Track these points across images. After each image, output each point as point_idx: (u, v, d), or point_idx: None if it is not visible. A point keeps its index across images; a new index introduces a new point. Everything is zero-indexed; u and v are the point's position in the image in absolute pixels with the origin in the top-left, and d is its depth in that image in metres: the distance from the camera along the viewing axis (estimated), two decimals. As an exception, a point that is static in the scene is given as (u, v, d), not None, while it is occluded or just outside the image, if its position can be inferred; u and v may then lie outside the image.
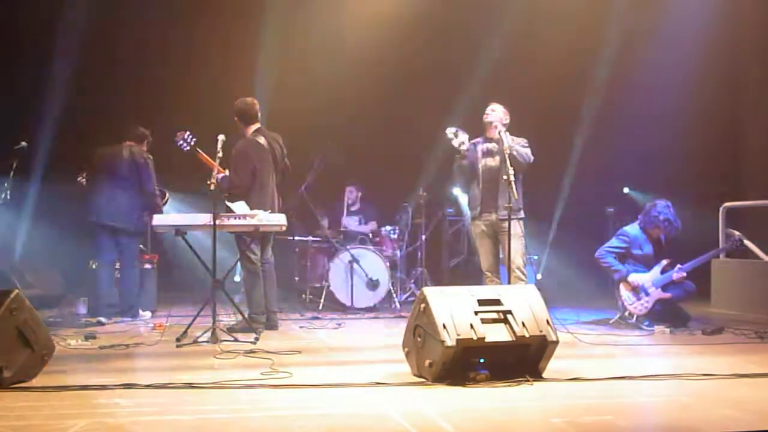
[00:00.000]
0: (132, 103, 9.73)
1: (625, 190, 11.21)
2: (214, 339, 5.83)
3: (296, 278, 8.99)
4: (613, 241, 7.41)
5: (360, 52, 10.03)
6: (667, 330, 6.85)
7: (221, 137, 6.36)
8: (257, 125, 6.91)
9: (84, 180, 7.74)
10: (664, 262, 7.24)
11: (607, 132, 10.76)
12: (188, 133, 6.79)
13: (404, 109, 10.44)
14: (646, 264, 7.27)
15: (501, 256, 6.64)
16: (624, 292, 7.22)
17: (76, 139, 9.60)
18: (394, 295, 8.85)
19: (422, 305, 4.49)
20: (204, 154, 6.75)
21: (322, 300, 8.61)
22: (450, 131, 6.61)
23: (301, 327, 7.20)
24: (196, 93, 9.58)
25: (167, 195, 7.91)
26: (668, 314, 7.03)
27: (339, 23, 10.22)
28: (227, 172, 6.66)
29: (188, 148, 6.80)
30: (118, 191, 7.53)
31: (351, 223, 9.45)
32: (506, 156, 6.19)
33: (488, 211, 6.58)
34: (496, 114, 6.63)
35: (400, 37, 10.13)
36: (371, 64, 10.12)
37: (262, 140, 6.83)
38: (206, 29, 9.89)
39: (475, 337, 4.31)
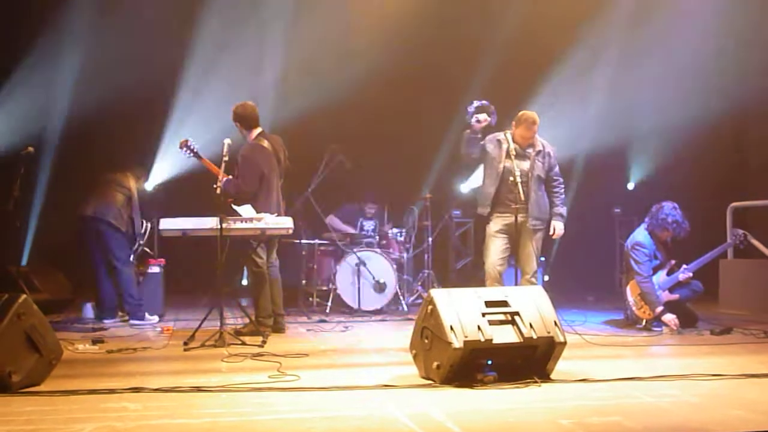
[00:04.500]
0: (134, 107, 9.76)
1: (630, 186, 11.21)
2: (222, 342, 5.84)
3: (303, 281, 8.99)
4: (642, 262, 7.08)
5: (364, 53, 10.03)
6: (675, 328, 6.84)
7: (227, 141, 6.37)
8: (259, 129, 6.90)
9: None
10: (671, 263, 7.22)
11: (613, 131, 10.75)
12: (191, 140, 6.77)
13: (410, 111, 10.43)
14: (660, 270, 7.23)
15: (506, 256, 6.59)
16: (632, 297, 7.18)
17: (82, 143, 9.65)
18: (401, 298, 8.84)
19: (429, 307, 4.48)
20: (207, 161, 6.73)
21: (329, 303, 8.61)
22: (476, 103, 6.49)
23: (308, 330, 7.21)
24: (198, 96, 9.59)
25: (147, 227, 7.93)
26: (676, 315, 7.00)
27: (344, 23, 10.22)
28: (229, 177, 6.61)
29: (192, 155, 6.77)
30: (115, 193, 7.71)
31: (368, 225, 9.44)
32: (533, 160, 6.32)
33: (507, 212, 6.41)
34: None
35: (405, 37, 10.12)
36: (376, 64, 10.11)
37: (266, 144, 6.82)
38: (208, 32, 9.90)
39: (482, 339, 4.31)
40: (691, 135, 10.52)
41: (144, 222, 7.87)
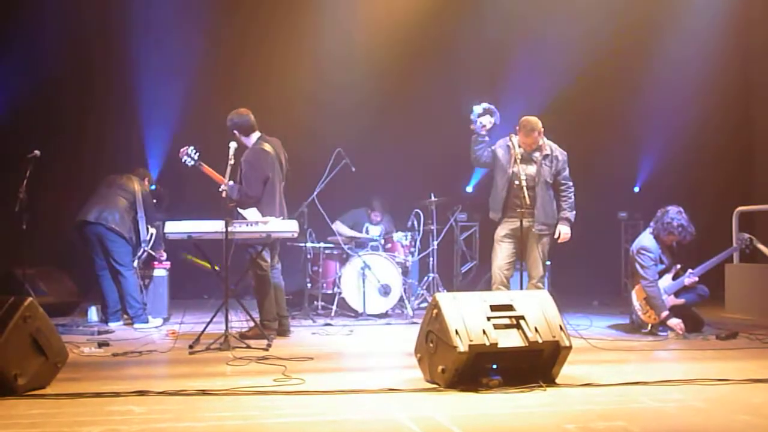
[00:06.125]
0: (139, 113, 9.82)
1: (636, 189, 11.20)
2: (227, 346, 5.84)
3: (308, 285, 8.99)
4: (648, 267, 7.04)
5: (370, 55, 10.05)
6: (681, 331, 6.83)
7: (233, 144, 6.37)
8: (258, 133, 6.89)
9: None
10: (676, 267, 7.20)
11: (618, 135, 10.75)
12: (192, 147, 6.65)
13: (415, 114, 10.43)
14: (666, 274, 7.22)
15: (513, 261, 6.57)
16: (637, 301, 7.16)
17: (87, 147, 9.69)
18: (406, 301, 8.83)
19: (434, 311, 4.48)
20: (209, 168, 6.66)
21: (334, 306, 8.61)
22: (480, 108, 6.42)
23: (313, 333, 7.20)
24: (203, 102, 9.61)
25: (152, 233, 7.94)
26: (682, 319, 6.97)
27: (349, 27, 10.23)
28: (231, 182, 6.50)
29: (193, 163, 6.68)
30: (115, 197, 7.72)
31: (374, 230, 9.46)
32: (539, 164, 6.39)
33: (515, 216, 6.36)
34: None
35: (410, 39, 10.14)
36: (381, 66, 10.13)
37: (267, 147, 6.82)
38: (212, 36, 9.92)
39: (487, 343, 4.30)
40: (698, 138, 10.52)
41: (149, 228, 7.85)
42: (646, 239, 7.21)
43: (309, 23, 10.10)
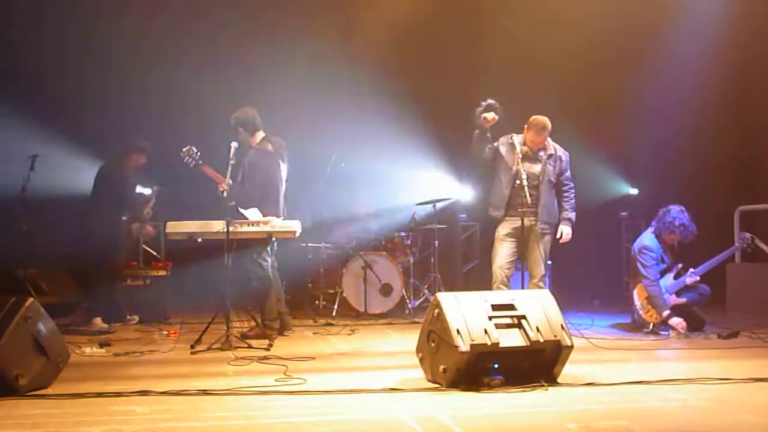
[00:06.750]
0: (138, 112, 9.81)
1: (634, 191, 11.18)
2: (228, 346, 5.84)
3: (309, 284, 8.99)
4: (649, 266, 7.08)
5: (369, 54, 10.05)
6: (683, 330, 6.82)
7: (234, 144, 6.36)
8: (262, 133, 6.88)
9: None
10: (678, 266, 7.20)
11: (619, 135, 10.73)
12: (194, 148, 6.57)
13: (416, 113, 10.43)
14: (667, 273, 7.22)
15: (514, 260, 6.57)
16: (639, 300, 7.16)
17: (89, 146, 9.69)
18: (408, 301, 8.83)
19: (436, 311, 4.48)
20: (210, 169, 6.64)
21: (335, 306, 8.61)
22: (485, 103, 6.40)
23: (314, 333, 7.21)
24: (203, 102, 9.60)
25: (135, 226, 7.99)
26: (683, 319, 6.97)
27: (350, 26, 10.24)
28: (230, 182, 6.42)
29: (195, 164, 6.60)
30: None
31: (374, 227, 9.48)
32: (544, 163, 6.42)
33: (517, 215, 6.31)
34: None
35: (410, 38, 10.14)
36: (381, 64, 10.12)
37: (270, 148, 6.82)
38: (210, 35, 9.91)
39: (489, 343, 4.30)
40: (699, 137, 10.50)
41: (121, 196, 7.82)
42: (647, 238, 7.21)
43: (310, 21, 10.09)
